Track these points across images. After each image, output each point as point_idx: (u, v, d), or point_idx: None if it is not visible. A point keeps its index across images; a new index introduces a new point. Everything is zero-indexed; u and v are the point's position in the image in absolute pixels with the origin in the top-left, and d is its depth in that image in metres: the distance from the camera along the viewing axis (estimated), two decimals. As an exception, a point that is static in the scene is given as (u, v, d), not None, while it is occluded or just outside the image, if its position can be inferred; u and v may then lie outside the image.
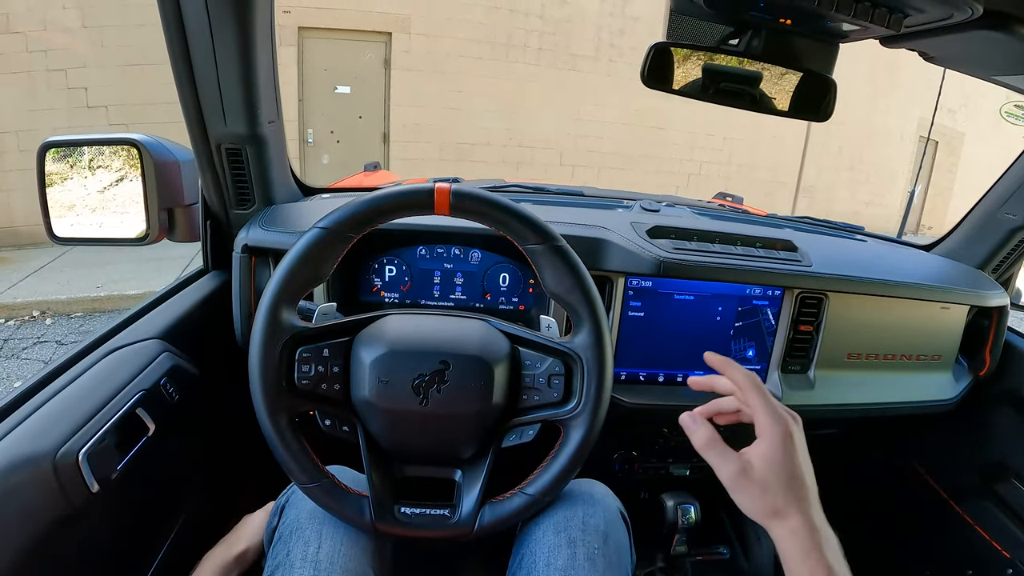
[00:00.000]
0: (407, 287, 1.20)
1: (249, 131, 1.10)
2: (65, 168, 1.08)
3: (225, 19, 0.95)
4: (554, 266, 0.80)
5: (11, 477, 0.69)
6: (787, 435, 0.67)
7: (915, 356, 1.33)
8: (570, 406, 0.81)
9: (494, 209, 0.79)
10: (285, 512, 0.84)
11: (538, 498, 0.80)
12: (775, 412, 0.69)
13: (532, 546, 0.82)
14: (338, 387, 0.80)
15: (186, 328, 1.08)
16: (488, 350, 0.81)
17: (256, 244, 1.10)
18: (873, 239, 1.64)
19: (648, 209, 1.41)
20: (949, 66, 1.01)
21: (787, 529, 0.64)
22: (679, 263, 1.13)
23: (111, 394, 0.85)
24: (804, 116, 1.08)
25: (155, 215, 1.06)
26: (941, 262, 1.51)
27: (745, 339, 1.22)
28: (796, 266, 1.20)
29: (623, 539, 0.87)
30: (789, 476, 0.66)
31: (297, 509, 0.83)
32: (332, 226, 0.77)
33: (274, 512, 0.87)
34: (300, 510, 0.83)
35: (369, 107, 7.91)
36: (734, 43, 1.01)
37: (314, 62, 7.51)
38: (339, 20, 7.40)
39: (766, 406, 0.69)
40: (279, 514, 0.85)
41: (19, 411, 0.78)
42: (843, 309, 1.24)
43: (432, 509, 0.81)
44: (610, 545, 0.83)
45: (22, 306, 4.95)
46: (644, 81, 1.03)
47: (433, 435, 0.83)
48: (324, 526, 0.81)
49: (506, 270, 1.21)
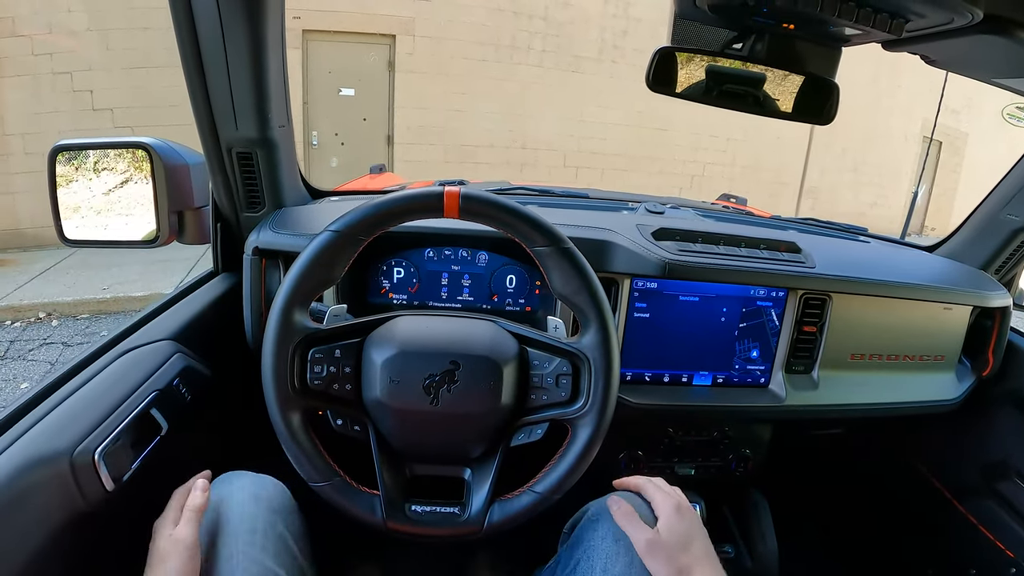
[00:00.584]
0: (415, 289, 1.22)
1: (260, 135, 1.11)
2: (71, 170, 1.10)
3: (237, 24, 0.97)
4: (561, 268, 0.81)
5: (29, 476, 0.70)
6: (678, 506, 0.85)
7: (918, 356, 1.34)
8: (577, 405, 0.82)
9: (502, 212, 0.80)
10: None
11: (547, 496, 0.81)
12: (664, 493, 0.88)
13: (590, 552, 0.83)
14: (350, 387, 0.82)
15: (198, 329, 1.09)
16: (497, 350, 0.82)
17: (266, 246, 1.11)
18: (876, 240, 1.65)
19: (653, 211, 1.42)
20: (950, 69, 1.02)
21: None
22: (684, 265, 1.14)
23: (125, 394, 0.86)
24: (807, 119, 1.09)
25: (165, 218, 1.07)
26: (944, 263, 1.51)
27: (749, 340, 1.23)
28: (800, 267, 1.21)
29: None
30: (688, 538, 0.81)
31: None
32: (344, 229, 0.79)
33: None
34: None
35: (373, 109, 7.93)
36: (738, 47, 1.02)
37: (318, 65, 7.53)
38: (343, 23, 7.42)
39: (657, 491, 0.88)
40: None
41: (36, 411, 0.79)
42: (846, 310, 1.25)
43: (442, 507, 0.82)
44: None
45: (28, 308, 4.97)
46: (649, 86, 1.04)
47: (443, 434, 0.84)
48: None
49: (513, 272, 1.22)
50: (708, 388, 1.24)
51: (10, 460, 0.70)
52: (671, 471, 1.42)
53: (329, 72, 7.62)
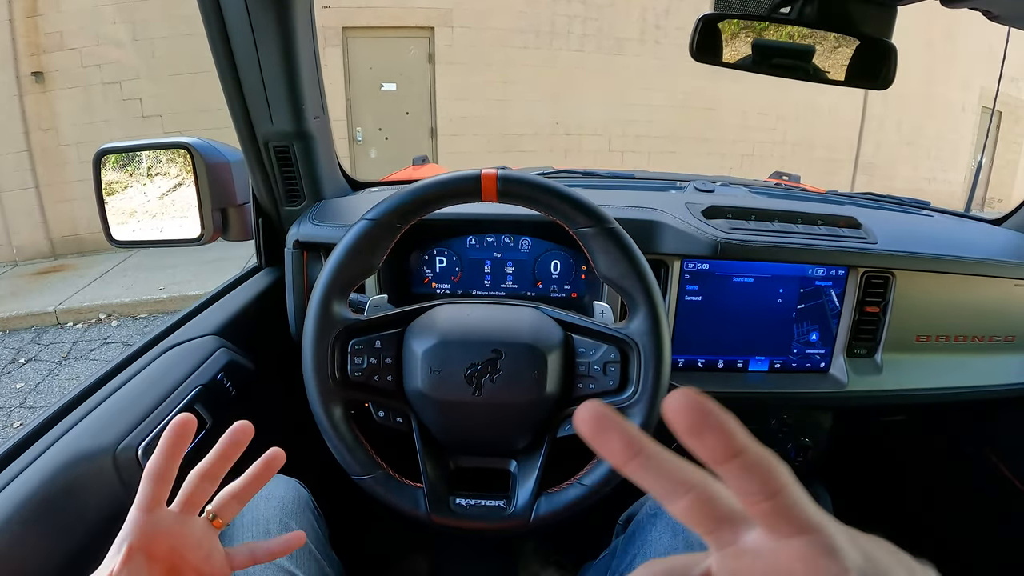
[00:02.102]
0: (458, 278, 1.20)
1: (295, 128, 1.11)
2: (125, 176, 1.11)
3: (266, 19, 0.96)
4: (607, 250, 0.78)
5: (73, 471, 0.71)
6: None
7: (988, 337, 1.26)
8: (627, 394, 0.79)
9: (543, 193, 0.77)
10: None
11: (596, 489, 0.79)
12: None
13: (647, 547, 0.80)
14: (391, 378, 0.80)
15: (241, 324, 1.10)
16: (540, 338, 0.80)
17: (307, 239, 1.11)
18: (940, 214, 1.56)
19: (702, 190, 1.36)
20: (1015, 25, 0.95)
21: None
22: (737, 244, 1.09)
23: (169, 389, 0.86)
24: (863, 84, 1.02)
25: (209, 215, 1.08)
26: (1013, 236, 1.42)
27: (808, 322, 1.17)
28: (861, 243, 1.14)
29: None
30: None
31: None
32: (380, 217, 0.77)
33: None
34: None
35: (415, 102, 7.97)
36: (786, 11, 0.96)
37: (359, 61, 7.60)
38: (381, 18, 7.46)
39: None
40: None
41: (81, 407, 0.80)
42: (911, 288, 1.18)
43: (487, 500, 0.80)
44: None
45: (88, 309, 5.17)
46: (693, 55, 0.99)
47: (486, 425, 0.82)
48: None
49: (557, 257, 1.19)
50: (765, 374, 1.19)
51: (55, 456, 0.71)
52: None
53: (370, 68, 7.69)
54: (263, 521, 0.78)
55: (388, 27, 7.54)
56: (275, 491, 0.82)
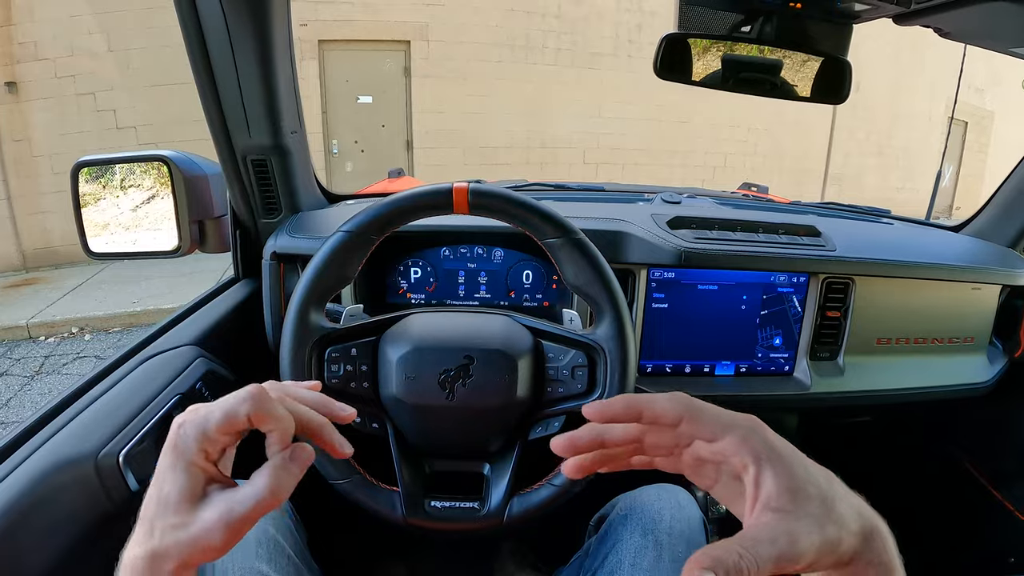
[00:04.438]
0: (432, 288, 1.22)
1: (273, 142, 1.13)
2: (98, 188, 1.12)
3: (245, 35, 0.98)
4: (573, 259, 0.81)
5: (56, 477, 0.72)
6: (754, 429, 0.45)
7: (947, 339, 1.30)
8: (594, 396, 0.82)
9: (512, 205, 0.80)
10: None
11: (566, 489, 0.81)
12: (719, 412, 0.47)
13: (618, 545, 0.83)
14: (367, 385, 0.82)
15: (219, 334, 1.11)
16: (511, 344, 0.82)
17: (284, 251, 1.13)
18: (900, 222, 1.62)
19: (669, 201, 1.41)
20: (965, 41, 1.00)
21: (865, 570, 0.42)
22: (701, 252, 1.13)
23: (149, 398, 0.87)
24: (823, 100, 1.07)
25: (186, 228, 1.09)
26: (971, 242, 1.48)
27: (772, 327, 1.21)
28: (820, 251, 1.19)
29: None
30: (812, 487, 0.42)
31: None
32: (355, 229, 0.80)
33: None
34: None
35: (391, 115, 7.99)
36: (746, 30, 1.01)
37: (335, 74, 7.61)
38: (357, 31, 7.48)
39: (706, 411, 0.47)
40: None
41: (62, 415, 0.81)
42: (871, 293, 1.22)
43: (461, 502, 0.82)
44: (692, 552, 0.84)
45: (61, 323, 5.09)
46: (657, 73, 1.03)
47: (460, 429, 0.84)
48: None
49: (529, 267, 1.22)
50: (731, 377, 1.23)
51: (37, 463, 0.72)
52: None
53: (346, 81, 7.69)
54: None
55: (364, 40, 7.56)
56: None
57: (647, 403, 0.46)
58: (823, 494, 0.41)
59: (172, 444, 0.45)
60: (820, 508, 0.40)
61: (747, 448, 0.43)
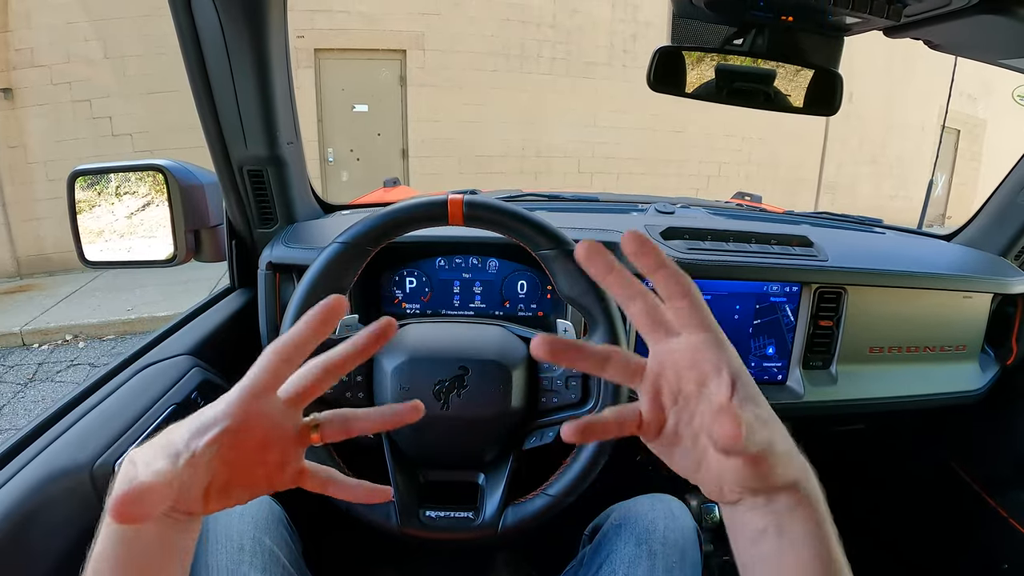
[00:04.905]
0: (427, 298, 1.23)
1: (269, 153, 1.13)
2: (93, 195, 1.12)
3: (242, 47, 0.99)
4: (567, 270, 0.82)
5: (51, 487, 0.72)
6: (714, 339, 0.46)
7: (939, 347, 1.31)
8: (588, 406, 0.82)
9: (506, 217, 0.81)
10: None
11: (560, 498, 0.82)
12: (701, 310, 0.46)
13: (612, 555, 0.83)
14: (362, 395, 0.83)
15: (215, 344, 1.11)
16: (505, 354, 0.83)
17: (280, 261, 1.13)
18: (892, 231, 1.63)
19: (663, 211, 1.41)
20: (954, 53, 1.01)
21: (795, 499, 0.46)
22: (693, 263, 1.14)
23: (145, 408, 0.88)
24: (815, 111, 1.08)
25: (182, 237, 1.09)
26: (962, 251, 1.49)
27: (764, 337, 1.22)
28: (812, 261, 1.19)
29: (697, 558, 0.87)
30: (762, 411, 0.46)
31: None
32: (351, 240, 0.80)
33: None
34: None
35: (387, 124, 8.01)
36: (738, 43, 1.02)
37: (331, 82, 7.63)
38: (354, 40, 7.51)
39: (692, 302, 0.45)
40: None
41: (57, 425, 0.81)
42: (863, 303, 1.23)
43: (456, 512, 0.83)
44: (687, 561, 0.84)
45: (55, 331, 5.07)
46: (651, 85, 1.04)
47: (455, 439, 0.85)
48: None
49: (524, 277, 1.22)
50: (724, 386, 1.23)
51: (32, 473, 0.72)
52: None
53: (342, 89, 7.72)
54: (236, 536, 0.78)
55: (360, 49, 7.59)
56: (248, 507, 0.83)
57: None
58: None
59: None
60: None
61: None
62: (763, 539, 0.46)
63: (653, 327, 0.45)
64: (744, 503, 0.46)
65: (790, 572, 0.45)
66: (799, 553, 0.45)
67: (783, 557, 0.45)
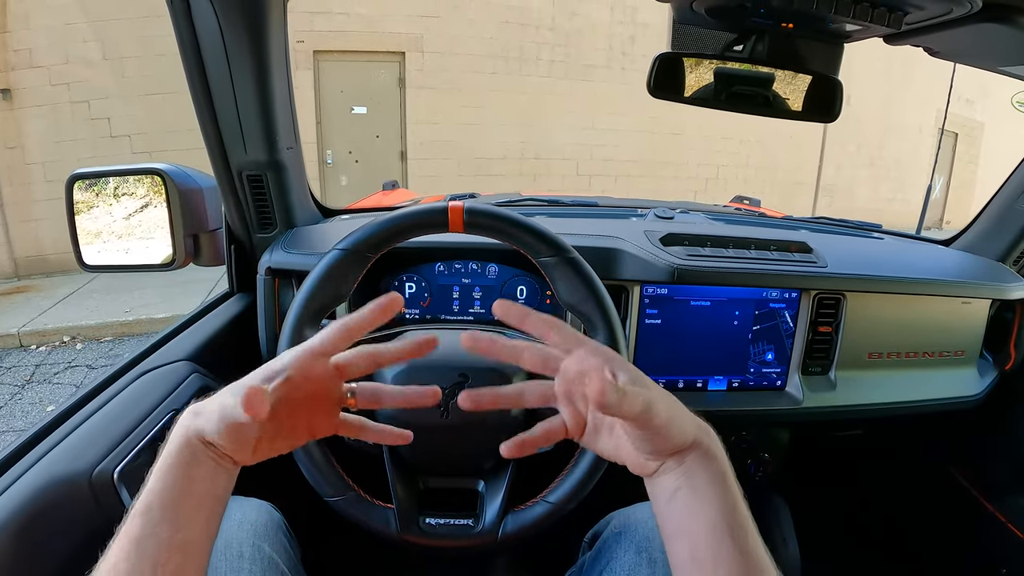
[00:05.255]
0: (427, 303, 1.22)
1: (269, 158, 1.13)
2: (91, 196, 1.12)
3: (241, 52, 0.99)
4: (567, 277, 0.82)
5: (50, 495, 0.72)
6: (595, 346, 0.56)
7: (938, 353, 1.31)
8: None
9: (506, 224, 0.81)
10: None
11: (560, 506, 0.81)
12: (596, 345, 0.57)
13: (613, 562, 0.83)
14: None
15: (214, 349, 1.11)
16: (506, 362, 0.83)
17: (279, 266, 1.13)
18: (890, 236, 1.63)
19: (662, 217, 1.41)
20: (955, 60, 1.02)
21: (699, 455, 0.54)
22: (693, 269, 1.14)
23: (144, 414, 0.87)
24: (814, 118, 1.08)
25: (181, 241, 1.09)
26: (960, 256, 1.49)
27: (764, 342, 1.22)
28: (811, 267, 1.20)
29: None
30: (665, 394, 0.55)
31: None
32: (351, 247, 0.80)
33: None
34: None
35: (386, 126, 8.01)
36: (738, 49, 1.02)
37: (330, 84, 7.63)
38: (352, 43, 7.51)
39: (568, 333, 0.57)
40: None
41: (56, 432, 0.81)
42: (862, 308, 1.23)
43: (456, 519, 0.83)
44: None
45: (53, 332, 5.06)
46: (651, 91, 1.04)
47: (455, 447, 0.84)
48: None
49: (523, 283, 1.22)
50: (724, 392, 1.23)
51: (31, 481, 0.72)
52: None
53: (341, 91, 7.72)
54: (235, 544, 0.78)
55: (359, 51, 7.60)
56: (248, 514, 0.83)
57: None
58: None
59: None
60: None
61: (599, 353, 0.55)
62: (676, 497, 0.53)
63: (544, 364, 0.56)
64: (662, 470, 0.55)
65: (700, 520, 0.52)
66: (707, 502, 0.52)
67: (693, 508, 0.53)
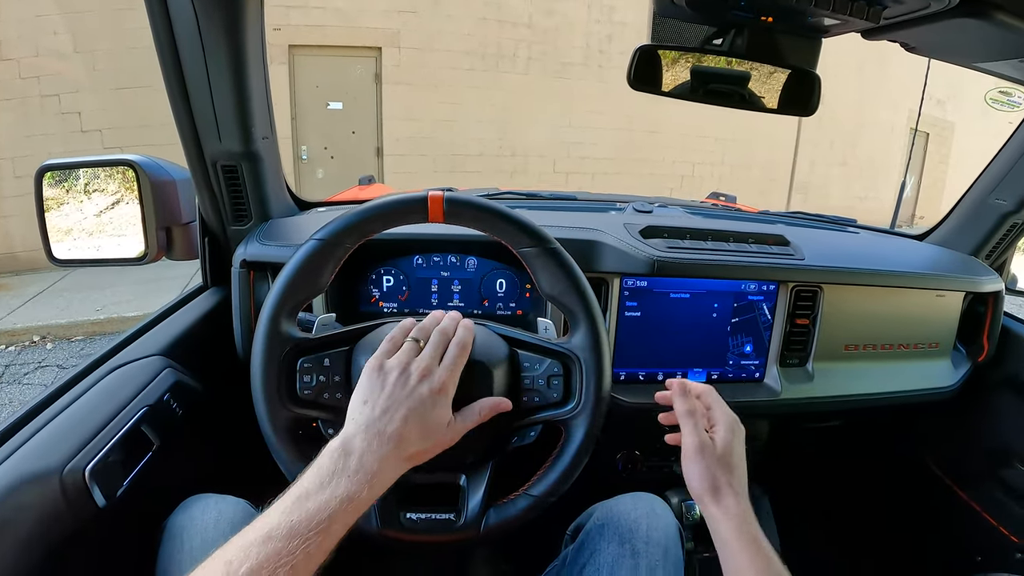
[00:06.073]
0: (405, 296, 1.21)
1: (244, 148, 1.11)
2: (62, 193, 1.09)
3: (217, 39, 0.97)
4: (548, 268, 0.81)
5: (20, 493, 0.70)
6: (737, 424, 0.80)
7: (913, 345, 1.33)
8: (570, 406, 0.82)
9: (487, 214, 0.80)
10: None
11: (542, 499, 0.81)
12: (727, 408, 0.81)
13: (596, 554, 0.84)
14: (340, 396, 0.81)
15: (187, 344, 1.09)
16: (487, 353, 0.82)
17: (254, 259, 1.11)
18: (865, 231, 1.65)
19: (641, 210, 1.42)
20: (931, 55, 1.02)
21: (723, 507, 0.71)
22: (673, 261, 1.14)
23: (115, 411, 0.85)
24: (791, 112, 1.09)
25: (153, 234, 1.07)
26: (934, 250, 1.52)
27: (742, 335, 1.22)
28: (789, 260, 1.20)
29: (679, 556, 0.88)
30: (735, 460, 0.76)
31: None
32: (328, 237, 0.79)
33: None
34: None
35: (362, 122, 7.96)
36: (718, 43, 1.02)
37: (306, 79, 7.56)
38: (329, 37, 7.44)
39: (721, 402, 0.82)
40: None
41: (25, 429, 0.79)
42: (838, 301, 1.25)
43: (437, 514, 0.82)
44: (669, 559, 0.85)
45: (22, 332, 4.95)
46: (631, 84, 1.04)
47: None
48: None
49: (502, 276, 1.22)
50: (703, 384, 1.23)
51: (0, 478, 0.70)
52: (669, 469, 1.42)
53: (316, 86, 7.65)
54: (212, 543, 0.76)
55: (335, 46, 7.53)
56: (224, 512, 0.82)
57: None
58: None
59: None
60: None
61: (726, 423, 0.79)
62: None
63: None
64: None
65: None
66: None
67: None
